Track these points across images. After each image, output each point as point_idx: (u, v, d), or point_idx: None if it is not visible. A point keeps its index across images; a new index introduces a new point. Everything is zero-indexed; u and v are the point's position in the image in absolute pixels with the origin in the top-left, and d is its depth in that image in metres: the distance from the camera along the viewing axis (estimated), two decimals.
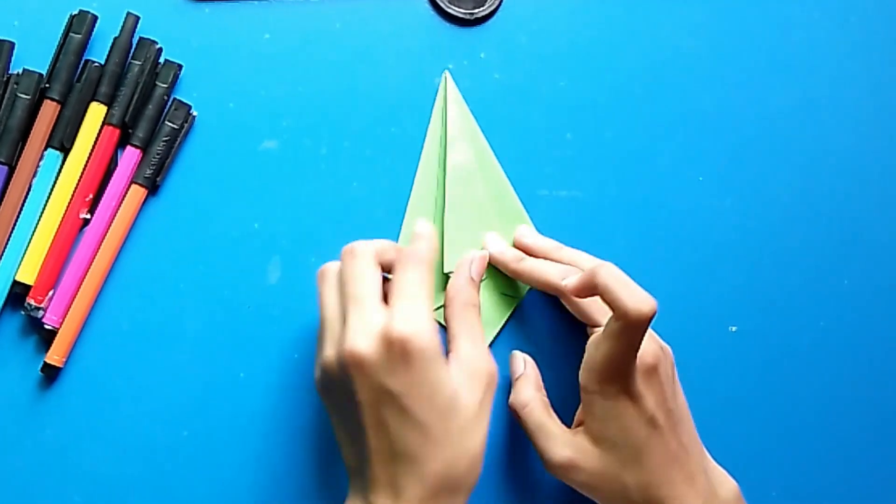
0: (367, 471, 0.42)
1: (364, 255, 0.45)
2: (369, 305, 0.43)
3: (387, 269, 0.46)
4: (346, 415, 0.43)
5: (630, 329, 0.43)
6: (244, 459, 0.51)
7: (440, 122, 0.53)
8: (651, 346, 0.45)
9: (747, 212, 0.55)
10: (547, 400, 0.49)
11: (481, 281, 0.50)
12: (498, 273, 0.52)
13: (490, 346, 0.52)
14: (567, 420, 0.49)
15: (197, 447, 0.50)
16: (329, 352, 0.43)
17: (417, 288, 0.43)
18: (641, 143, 0.55)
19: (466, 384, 0.43)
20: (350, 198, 0.53)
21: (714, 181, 0.55)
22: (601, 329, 0.46)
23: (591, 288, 0.45)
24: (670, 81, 0.56)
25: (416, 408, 0.41)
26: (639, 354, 0.44)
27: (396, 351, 0.41)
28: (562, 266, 0.49)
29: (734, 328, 0.54)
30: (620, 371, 0.44)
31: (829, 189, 0.56)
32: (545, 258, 0.50)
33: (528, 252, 0.51)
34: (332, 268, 0.46)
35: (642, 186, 0.55)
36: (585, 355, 0.46)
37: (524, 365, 0.50)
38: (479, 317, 0.47)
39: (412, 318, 0.41)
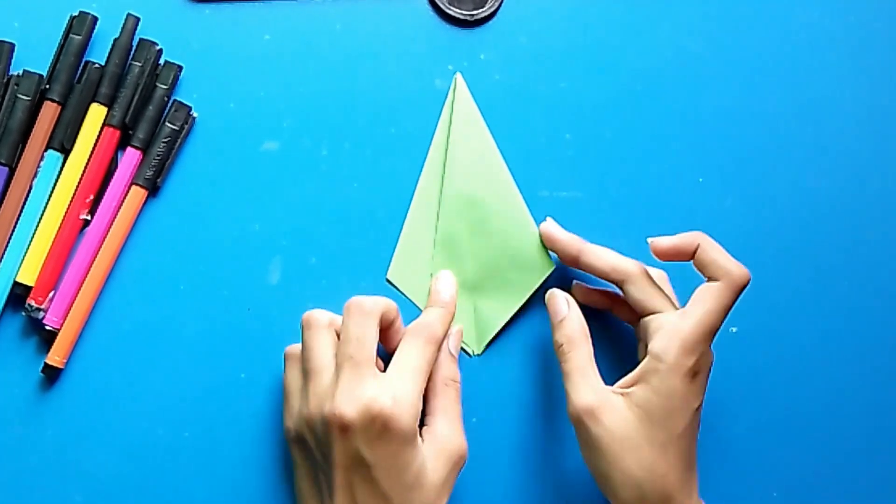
0: None
1: (370, 314, 0.45)
2: (365, 371, 0.44)
3: (385, 328, 0.47)
4: (316, 469, 0.45)
5: (730, 290, 0.45)
6: (245, 460, 0.51)
7: (447, 124, 0.53)
8: (711, 351, 0.46)
9: (747, 212, 0.55)
10: (591, 348, 0.48)
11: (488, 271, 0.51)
12: (519, 253, 0.52)
13: (509, 326, 0.53)
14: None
15: (198, 448, 0.50)
16: (314, 406, 0.44)
17: (415, 367, 0.45)
18: (641, 144, 0.55)
19: (434, 462, 0.45)
20: (350, 198, 0.53)
21: (714, 181, 0.55)
22: (662, 314, 0.46)
23: (684, 247, 0.47)
24: (670, 82, 0.56)
25: (384, 481, 0.43)
26: (710, 353, 0.46)
27: (378, 425, 0.43)
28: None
29: (734, 329, 0.54)
30: (706, 337, 0.45)
31: (829, 189, 0.56)
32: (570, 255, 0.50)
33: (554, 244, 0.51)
34: (322, 318, 0.47)
35: (642, 187, 0.55)
36: (660, 329, 0.46)
37: (568, 306, 0.49)
38: (459, 395, 0.48)
39: (401, 397, 0.43)
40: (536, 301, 0.52)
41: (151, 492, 0.50)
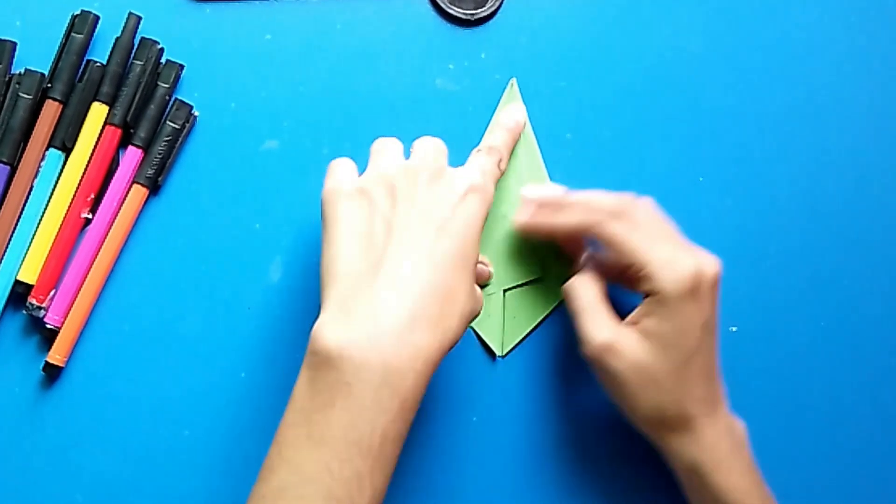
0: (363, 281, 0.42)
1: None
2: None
3: None
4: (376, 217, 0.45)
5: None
6: (245, 459, 0.51)
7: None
8: (714, 259, 0.47)
9: (747, 212, 0.55)
10: (605, 288, 0.49)
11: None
12: (555, 261, 0.52)
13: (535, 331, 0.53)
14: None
15: (198, 447, 0.50)
16: (388, 161, 0.46)
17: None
18: (641, 144, 0.55)
19: None
20: None
21: (714, 181, 0.55)
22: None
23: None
24: (670, 82, 0.56)
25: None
26: (706, 265, 0.46)
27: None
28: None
29: (734, 328, 0.55)
30: (680, 254, 0.46)
31: (829, 189, 0.56)
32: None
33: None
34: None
35: (642, 187, 0.54)
36: (644, 268, 0.46)
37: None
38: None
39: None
40: (563, 309, 0.52)
41: (151, 491, 0.50)
